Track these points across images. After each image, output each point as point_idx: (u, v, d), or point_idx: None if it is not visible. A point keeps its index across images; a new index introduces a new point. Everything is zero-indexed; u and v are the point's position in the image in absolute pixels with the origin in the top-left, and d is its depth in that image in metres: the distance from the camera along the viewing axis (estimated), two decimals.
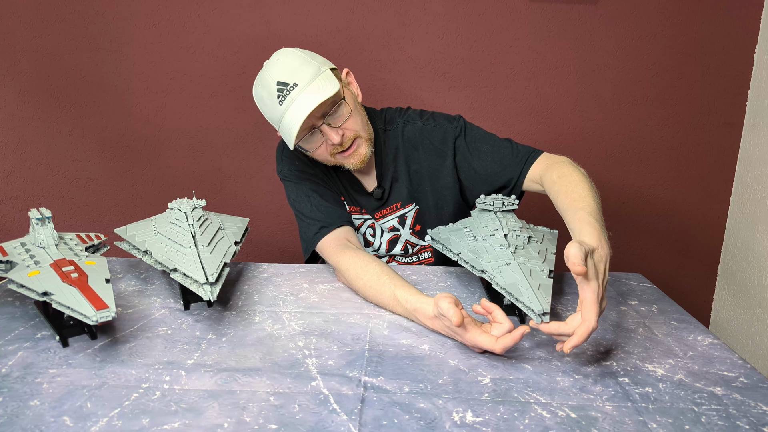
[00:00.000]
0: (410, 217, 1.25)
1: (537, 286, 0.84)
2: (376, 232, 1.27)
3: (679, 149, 1.86)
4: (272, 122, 1.11)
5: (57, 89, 1.78)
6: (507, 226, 1.01)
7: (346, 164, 1.15)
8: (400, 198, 1.24)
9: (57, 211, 1.40)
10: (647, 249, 1.95)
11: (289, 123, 1.03)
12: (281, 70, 1.06)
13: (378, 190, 1.23)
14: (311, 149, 1.11)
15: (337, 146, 1.10)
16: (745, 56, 1.78)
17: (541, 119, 1.83)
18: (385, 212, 1.25)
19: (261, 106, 1.11)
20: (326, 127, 1.07)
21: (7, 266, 0.89)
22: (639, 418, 0.68)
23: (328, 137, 1.08)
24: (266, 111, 1.10)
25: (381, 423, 0.66)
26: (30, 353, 0.80)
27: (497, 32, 1.75)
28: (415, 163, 1.23)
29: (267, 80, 1.07)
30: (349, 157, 1.13)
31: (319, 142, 1.10)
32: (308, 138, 1.09)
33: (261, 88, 1.09)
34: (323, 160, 1.16)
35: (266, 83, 1.07)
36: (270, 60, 1.10)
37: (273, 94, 1.05)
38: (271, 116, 1.09)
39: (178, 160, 1.85)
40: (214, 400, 0.69)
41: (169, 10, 1.72)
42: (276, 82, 1.05)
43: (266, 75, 1.08)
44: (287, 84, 1.04)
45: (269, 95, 1.06)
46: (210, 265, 0.90)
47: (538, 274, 0.89)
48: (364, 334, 0.88)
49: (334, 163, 1.16)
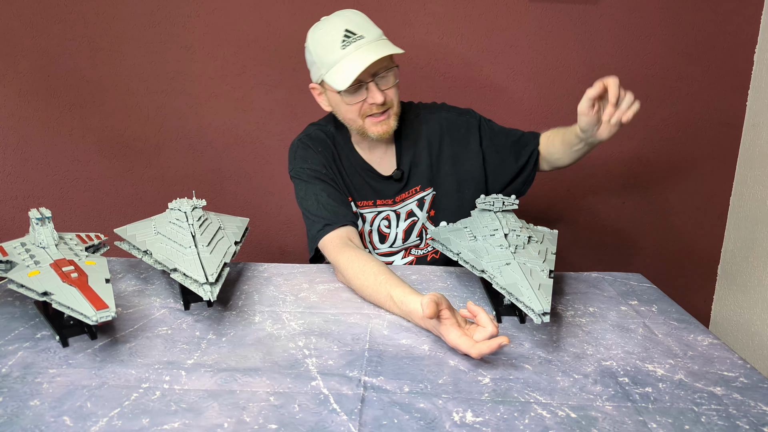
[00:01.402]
0: (428, 201, 1.30)
1: (537, 286, 0.84)
2: (392, 222, 1.29)
3: (679, 149, 1.86)
4: (322, 65, 1.14)
5: (57, 89, 1.78)
6: (507, 226, 1.01)
7: (372, 131, 1.18)
8: (420, 181, 1.29)
9: (57, 211, 1.39)
10: (647, 249, 1.95)
11: (350, 66, 1.09)
12: (350, 21, 1.13)
13: (398, 171, 1.27)
14: (351, 102, 1.15)
15: (372, 107, 1.15)
16: (745, 56, 1.78)
17: (541, 119, 1.83)
18: (404, 196, 1.29)
19: (315, 48, 1.15)
20: (373, 85, 1.13)
21: (7, 266, 0.89)
22: (639, 418, 0.68)
23: (373, 95, 1.13)
24: (320, 53, 1.14)
25: (381, 423, 0.66)
26: (30, 353, 0.80)
27: (497, 32, 1.75)
28: (436, 148, 1.29)
29: (331, 27, 1.13)
30: (378, 124, 1.18)
31: (360, 98, 1.15)
32: (352, 91, 1.14)
33: (322, 33, 1.14)
34: (349, 120, 1.20)
35: (330, 29, 1.13)
36: (334, 14, 1.17)
37: (336, 39, 1.11)
38: (325, 59, 1.13)
39: (178, 160, 1.85)
40: (214, 400, 0.69)
41: (169, 10, 1.72)
42: (344, 30, 1.12)
43: (330, 24, 1.14)
44: (355, 33, 1.12)
45: (331, 40, 1.12)
46: (210, 265, 0.90)
47: (538, 274, 0.89)
48: (364, 334, 0.88)
49: (359, 126, 1.19)
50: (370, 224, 1.28)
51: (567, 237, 1.93)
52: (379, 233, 1.29)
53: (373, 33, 1.14)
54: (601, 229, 1.94)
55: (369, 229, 1.29)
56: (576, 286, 1.11)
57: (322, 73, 1.15)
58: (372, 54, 1.09)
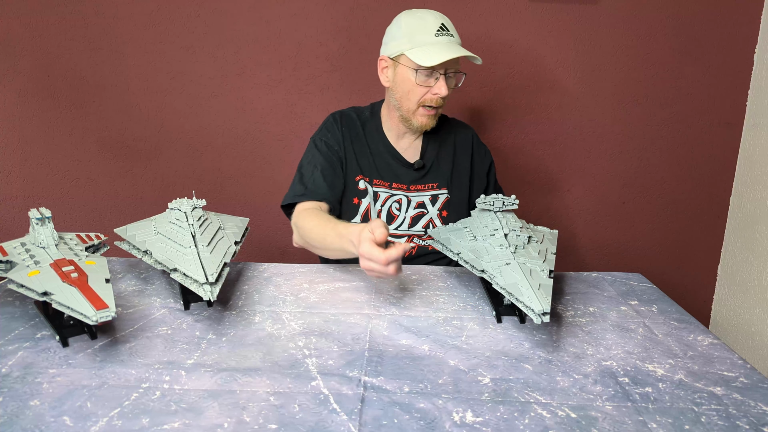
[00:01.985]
0: (441, 200, 1.36)
1: (537, 286, 0.84)
2: (402, 206, 1.34)
3: (679, 149, 1.86)
4: (410, 40, 1.22)
5: (57, 89, 1.78)
6: (507, 226, 1.01)
7: (418, 120, 1.28)
8: (438, 180, 1.37)
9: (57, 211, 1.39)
10: (647, 249, 1.95)
11: (440, 50, 1.19)
12: (445, 20, 1.25)
13: (420, 161, 1.35)
14: (422, 83, 1.23)
15: (434, 98, 1.24)
16: (745, 56, 1.78)
17: (541, 119, 1.83)
18: (420, 187, 1.36)
19: (409, 25, 1.23)
20: (443, 79, 1.23)
21: (7, 266, 0.89)
22: (639, 418, 0.68)
23: (440, 86, 1.23)
24: (412, 31, 1.22)
25: (381, 423, 0.66)
26: (30, 353, 0.80)
27: (497, 32, 1.75)
28: (460, 157, 1.39)
29: (429, 16, 1.23)
30: (426, 116, 1.28)
31: (428, 84, 1.23)
32: (426, 75, 1.22)
33: (417, 17, 1.24)
34: (406, 101, 1.27)
35: (428, 17, 1.23)
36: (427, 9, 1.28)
37: (432, 26, 1.22)
38: (416, 37, 1.21)
39: (178, 160, 1.85)
40: (214, 400, 0.69)
41: (169, 10, 1.72)
42: (441, 23, 1.23)
43: (428, 13, 1.25)
44: (448, 30, 1.24)
45: (427, 25, 1.22)
46: (210, 265, 0.90)
47: (538, 273, 0.89)
48: (364, 334, 0.88)
49: (409, 113, 1.28)
50: (381, 204, 1.33)
51: (567, 237, 1.93)
52: (388, 214, 1.34)
53: (458, 39, 1.26)
54: (601, 229, 1.94)
55: (380, 208, 1.33)
56: (576, 286, 1.11)
57: (405, 48, 1.22)
58: (460, 50, 1.20)
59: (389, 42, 1.27)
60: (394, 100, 1.29)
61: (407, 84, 1.24)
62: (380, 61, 1.30)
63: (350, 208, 1.33)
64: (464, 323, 0.93)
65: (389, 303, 1.00)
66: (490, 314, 0.97)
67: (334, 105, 1.80)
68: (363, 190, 1.33)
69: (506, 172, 1.83)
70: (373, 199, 1.33)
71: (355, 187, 1.33)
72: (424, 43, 1.21)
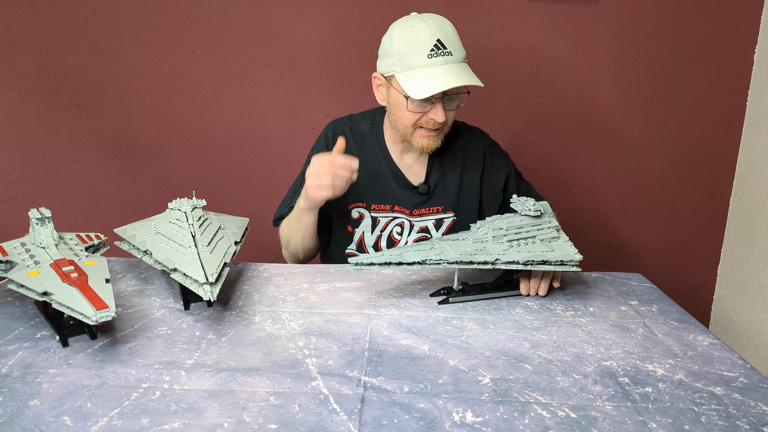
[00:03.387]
0: (446, 224, 1.28)
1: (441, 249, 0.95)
2: (404, 230, 1.28)
3: (679, 149, 1.86)
4: (401, 62, 1.12)
5: (57, 89, 1.78)
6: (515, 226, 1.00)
7: (418, 142, 1.18)
8: (443, 203, 1.28)
9: (57, 211, 1.39)
10: (647, 249, 1.95)
11: (430, 79, 1.08)
12: (443, 32, 1.11)
13: (425, 186, 1.27)
14: (414, 110, 1.14)
15: (430, 122, 1.14)
16: (745, 56, 1.78)
17: (541, 119, 1.83)
18: (424, 211, 1.28)
19: (400, 43, 1.12)
20: (440, 104, 1.12)
21: (7, 266, 0.89)
22: (639, 418, 0.68)
23: (436, 113, 1.12)
24: (404, 51, 1.11)
25: (381, 423, 0.66)
26: (30, 353, 0.80)
27: (497, 32, 1.75)
28: (468, 176, 1.29)
29: (424, 30, 1.10)
30: (427, 138, 1.17)
31: (423, 110, 1.14)
32: (419, 102, 1.12)
33: (413, 32, 1.11)
34: (401, 125, 1.19)
35: (422, 32, 1.10)
36: (429, 16, 1.14)
37: (426, 45, 1.09)
38: (407, 58, 1.11)
39: (178, 160, 1.85)
40: (214, 400, 0.69)
41: (169, 10, 1.72)
42: (436, 39, 1.10)
43: (424, 25, 1.11)
44: (445, 47, 1.10)
45: (420, 43, 1.10)
46: (210, 265, 0.90)
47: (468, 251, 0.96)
48: (364, 334, 0.88)
49: (407, 135, 1.19)
50: (381, 229, 1.28)
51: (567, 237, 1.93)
52: (389, 239, 1.29)
53: (460, 53, 1.13)
54: (601, 229, 1.94)
55: (379, 234, 1.28)
56: (576, 286, 1.11)
57: (397, 71, 1.13)
58: (454, 78, 1.08)
59: (383, 58, 1.18)
60: (391, 119, 1.22)
61: (400, 109, 1.16)
62: (374, 78, 1.21)
63: (344, 236, 1.29)
64: (464, 323, 0.93)
65: (389, 303, 1.00)
66: (490, 314, 0.97)
67: (334, 105, 1.80)
68: (357, 219, 1.28)
69: None
70: (371, 226, 1.27)
71: (348, 215, 1.27)
72: (416, 67, 1.10)
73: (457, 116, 1.46)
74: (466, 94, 1.16)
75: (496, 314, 0.97)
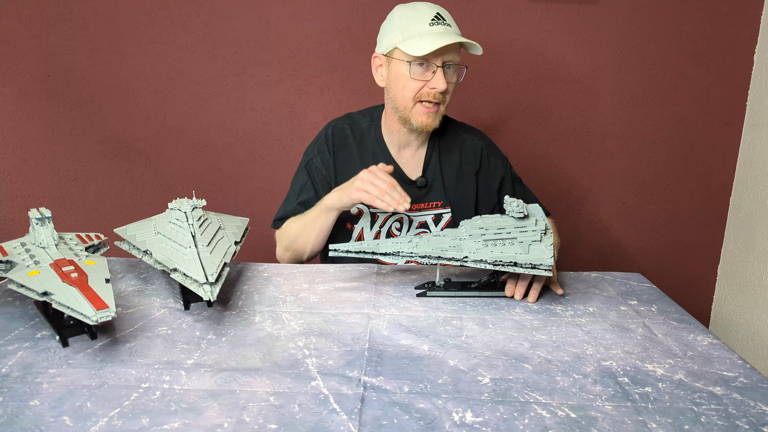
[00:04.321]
0: (444, 220, 1.30)
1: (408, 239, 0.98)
2: (403, 225, 1.29)
3: (679, 149, 1.86)
4: (403, 32, 1.17)
5: (57, 89, 1.78)
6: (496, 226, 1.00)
7: (418, 119, 1.21)
8: (441, 198, 1.29)
9: (57, 211, 1.39)
10: (647, 249, 1.95)
11: (432, 39, 1.13)
12: (441, 9, 1.19)
13: (422, 179, 1.29)
14: (417, 77, 1.17)
15: (431, 93, 1.17)
16: (745, 56, 1.78)
17: (541, 119, 1.83)
18: (423, 206, 1.29)
19: (402, 16, 1.18)
20: (440, 72, 1.16)
21: (7, 266, 0.89)
22: (639, 418, 0.68)
23: (437, 80, 1.16)
24: (406, 23, 1.17)
25: (381, 423, 0.66)
26: (30, 353, 0.80)
27: (497, 32, 1.75)
28: (465, 173, 1.30)
29: (423, 7, 1.18)
30: (426, 114, 1.20)
31: (425, 78, 1.17)
32: (422, 69, 1.17)
33: (411, 8, 1.19)
34: (402, 98, 1.21)
35: (421, 8, 1.18)
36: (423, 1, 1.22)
37: (426, 16, 1.16)
38: (409, 28, 1.16)
39: (178, 160, 1.85)
40: (214, 400, 0.69)
41: (169, 10, 1.72)
42: (436, 12, 1.18)
43: (422, 4, 1.19)
44: (444, 19, 1.18)
45: (420, 15, 1.17)
46: (210, 265, 0.90)
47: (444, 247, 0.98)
48: (364, 334, 0.88)
49: (407, 108, 1.21)
50: (380, 225, 1.28)
51: (567, 237, 1.93)
52: (389, 234, 1.30)
53: (456, 29, 1.20)
54: (601, 229, 1.94)
55: (378, 230, 1.29)
56: (576, 286, 1.11)
57: (398, 41, 1.17)
58: (453, 37, 1.14)
59: (383, 38, 1.22)
60: (390, 100, 1.24)
61: (402, 79, 1.18)
62: (374, 60, 1.24)
63: (343, 233, 1.29)
64: (464, 323, 0.93)
65: (389, 303, 1.00)
66: (490, 314, 0.97)
67: (334, 105, 1.80)
68: (356, 215, 1.28)
69: None
70: (370, 222, 1.28)
71: (347, 212, 1.27)
72: (418, 33, 1.15)
73: (456, 117, 1.46)
74: (464, 68, 1.21)
75: (496, 314, 0.97)
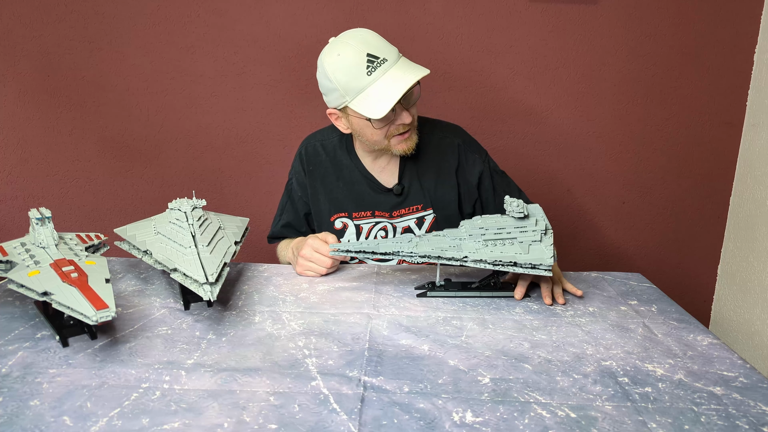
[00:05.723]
0: (428, 222, 1.29)
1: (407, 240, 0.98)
2: (388, 234, 1.29)
3: (679, 149, 1.86)
4: (346, 92, 1.10)
5: (57, 89, 1.78)
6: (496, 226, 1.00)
7: (397, 148, 1.18)
8: (421, 201, 1.28)
9: (57, 211, 1.39)
10: (647, 249, 1.95)
11: (381, 93, 1.07)
12: (368, 44, 1.09)
13: (398, 186, 1.26)
14: (380, 126, 1.13)
15: (400, 127, 1.14)
16: (745, 56, 1.78)
17: (541, 119, 1.83)
18: (403, 212, 1.28)
19: (336, 75, 1.09)
20: (400, 107, 1.12)
21: (7, 266, 0.89)
22: (639, 418, 0.68)
23: (402, 117, 1.13)
24: (343, 81, 1.09)
25: (381, 423, 0.66)
26: (30, 353, 0.80)
27: (497, 32, 1.75)
28: (444, 173, 1.28)
29: (351, 52, 1.08)
30: (403, 141, 1.17)
31: (389, 120, 1.13)
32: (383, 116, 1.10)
33: (341, 59, 1.09)
34: (374, 142, 1.18)
35: (349, 54, 1.08)
36: (347, 35, 1.12)
37: (360, 65, 1.07)
38: (349, 86, 1.09)
39: (178, 160, 1.85)
40: (214, 400, 0.69)
41: (169, 10, 1.72)
42: (366, 53, 1.07)
43: (349, 47, 1.09)
44: (377, 57, 1.08)
45: (354, 65, 1.07)
46: (210, 265, 0.90)
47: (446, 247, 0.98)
48: (364, 334, 0.88)
49: (384, 147, 1.19)
50: (365, 236, 1.29)
51: (567, 237, 1.93)
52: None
53: (393, 53, 1.11)
54: (601, 229, 1.94)
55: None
56: (576, 286, 1.11)
57: (347, 101, 1.11)
58: (401, 81, 1.07)
59: (327, 94, 1.15)
60: (362, 141, 1.21)
61: (368, 129, 1.15)
62: (330, 115, 1.20)
63: None
64: (464, 323, 0.93)
65: (389, 303, 1.00)
66: (490, 314, 0.97)
67: None
68: (341, 230, 1.29)
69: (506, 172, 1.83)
70: (356, 234, 1.28)
71: (331, 228, 1.28)
72: (362, 89, 1.08)
73: (456, 117, 1.45)
74: (418, 86, 1.13)
75: (496, 314, 0.97)
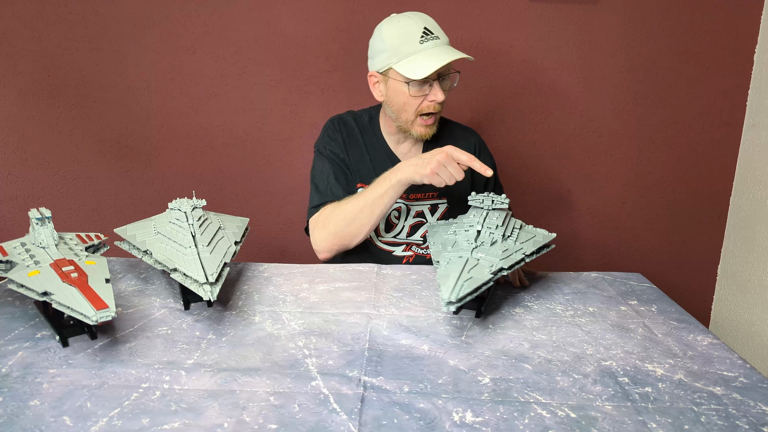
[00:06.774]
0: (441, 210, 1.34)
1: (465, 279, 0.85)
2: (401, 214, 1.33)
3: (679, 149, 1.86)
4: (395, 53, 1.19)
5: (57, 89, 1.78)
6: (485, 223, 1.01)
7: (417, 130, 1.26)
8: (438, 189, 1.32)
9: (57, 211, 1.39)
10: (647, 249, 1.95)
11: (428, 59, 1.16)
12: (427, 21, 1.21)
13: None
14: (416, 94, 1.21)
15: (431, 105, 1.22)
16: (745, 56, 1.78)
17: (541, 119, 1.83)
18: (419, 196, 1.33)
19: (391, 37, 1.20)
20: (437, 84, 1.20)
21: (7, 266, 0.89)
22: (639, 418, 0.68)
23: (435, 93, 1.20)
24: (396, 43, 1.19)
25: (381, 423, 0.66)
26: (30, 353, 0.80)
27: (497, 32, 1.75)
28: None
29: (410, 22, 1.20)
30: (425, 126, 1.25)
31: (423, 93, 1.21)
32: (420, 84, 1.20)
33: (399, 26, 1.20)
34: (403, 113, 1.25)
35: (409, 24, 1.20)
36: (408, 13, 1.23)
37: (415, 34, 1.18)
38: (401, 48, 1.18)
39: (178, 160, 1.85)
40: (214, 400, 0.69)
41: (169, 10, 1.72)
42: (423, 27, 1.19)
43: (409, 19, 1.21)
44: (432, 33, 1.19)
45: (410, 33, 1.18)
46: (210, 264, 0.90)
47: (481, 269, 0.89)
48: (364, 333, 0.88)
49: (407, 124, 1.26)
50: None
51: (567, 237, 1.93)
52: (387, 221, 1.33)
53: (445, 38, 1.22)
54: (601, 229, 1.94)
55: None
56: (576, 286, 1.11)
57: (393, 62, 1.19)
58: (449, 54, 1.16)
59: (375, 56, 1.24)
60: (390, 112, 1.28)
61: (401, 97, 1.22)
62: (370, 77, 1.27)
63: None
64: (464, 323, 0.93)
65: (389, 303, 1.00)
66: (490, 314, 0.97)
67: (334, 105, 1.80)
68: None
69: (506, 172, 1.83)
70: None
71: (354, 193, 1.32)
72: (411, 53, 1.18)
73: (457, 117, 1.47)
74: (457, 74, 1.24)
75: (496, 314, 0.97)
